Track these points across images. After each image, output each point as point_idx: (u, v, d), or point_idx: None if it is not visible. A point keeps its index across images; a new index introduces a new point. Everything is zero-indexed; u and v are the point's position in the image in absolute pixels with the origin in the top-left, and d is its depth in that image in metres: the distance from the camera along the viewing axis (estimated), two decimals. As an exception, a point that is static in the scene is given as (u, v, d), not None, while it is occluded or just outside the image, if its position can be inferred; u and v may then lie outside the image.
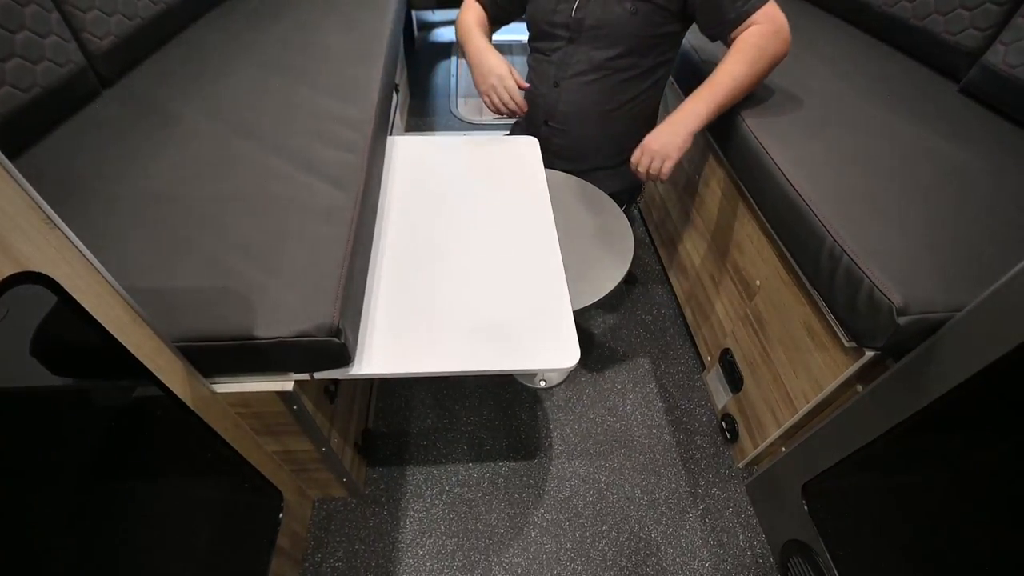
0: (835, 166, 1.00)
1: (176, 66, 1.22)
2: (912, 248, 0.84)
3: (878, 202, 0.92)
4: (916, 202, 0.92)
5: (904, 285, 0.78)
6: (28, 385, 0.61)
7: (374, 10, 1.51)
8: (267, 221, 0.85)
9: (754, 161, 1.08)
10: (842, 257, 0.84)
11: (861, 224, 0.88)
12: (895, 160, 1.01)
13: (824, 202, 0.92)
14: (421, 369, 0.79)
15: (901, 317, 0.75)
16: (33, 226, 0.46)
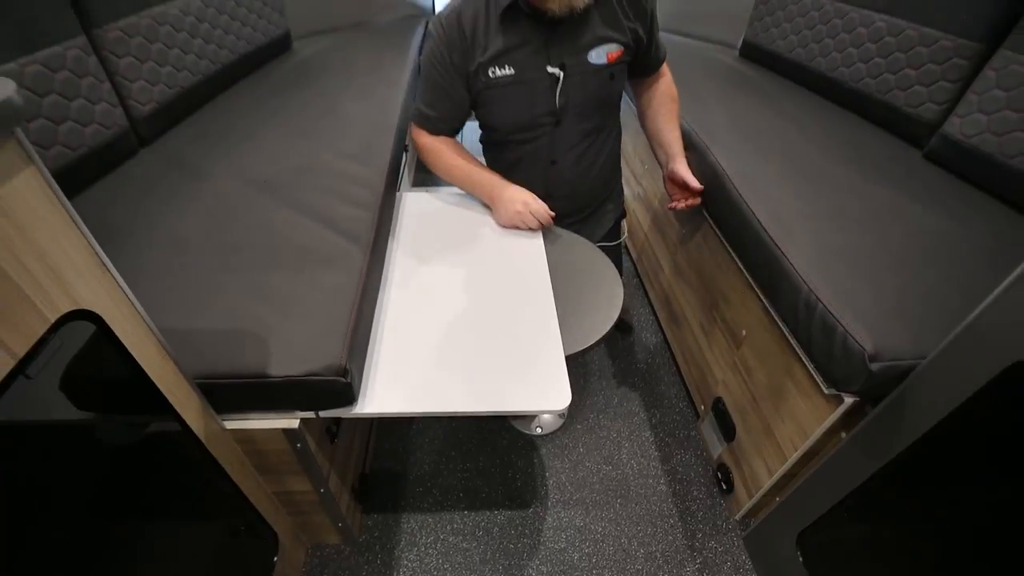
0: (811, 222, 1.08)
1: (208, 128, 1.35)
2: (883, 299, 0.90)
3: (851, 256, 0.99)
4: (887, 257, 1.00)
5: (875, 333, 0.83)
6: (53, 419, 0.66)
7: (388, 82, 1.66)
8: (284, 269, 0.92)
9: (737, 216, 1.17)
10: (817, 306, 0.91)
11: (835, 276, 0.95)
12: (867, 218, 1.10)
13: (800, 255, 1.00)
14: (420, 409, 0.83)
15: (873, 363, 0.80)
16: (89, 270, 0.53)
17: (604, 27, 1.05)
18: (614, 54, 1.07)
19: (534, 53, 1.04)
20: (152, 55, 1.28)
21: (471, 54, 1.04)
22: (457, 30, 1.02)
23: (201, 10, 1.44)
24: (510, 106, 1.11)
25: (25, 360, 0.46)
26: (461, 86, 1.09)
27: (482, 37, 1.03)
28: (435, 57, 1.06)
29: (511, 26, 1.02)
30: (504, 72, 1.05)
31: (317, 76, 1.72)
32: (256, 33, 1.70)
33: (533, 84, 1.07)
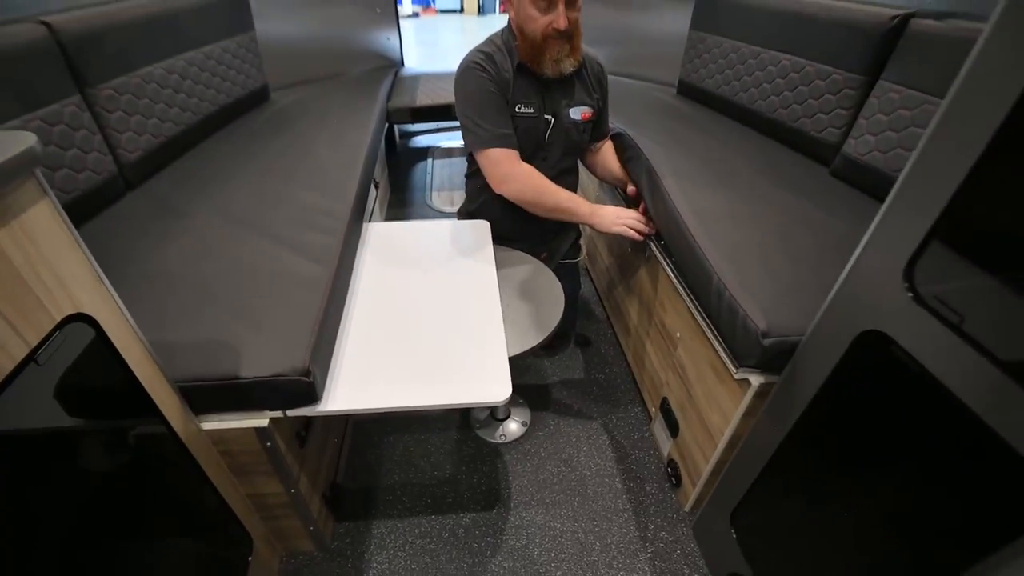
0: (728, 222, 1.24)
1: (190, 172, 1.49)
2: (780, 287, 1.05)
3: (758, 251, 1.15)
4: (789, 253, 1.15)
5: (769, 314, 0.97)
6: (45, 426, 0.76)
7: (357, 127, 1.84)
8: (257, 290, 1.04)
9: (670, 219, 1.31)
10: (724, 293, 1.05)
11: (742, 267, 1.09)
12: (775, 221, 1.26)
13: (716, 249, 1.15)
14: (379, 405, 0.95)
15: (765, 339, 0.94)
16: (89, 281, 0.65)
17: (582, 94, 1.36)
18: (586, 114, 1.37)
19: (539, 101, 1.30)
20: (139, 109, 1.43)
21: (507, 91, 1.26)
22: (494, 69, 1.24)
23: (184, 69, 1.61)
24: (522, 135, 1.30)
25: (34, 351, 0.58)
26: (506, 107, 1.27)
27: (505, 80, 1.25)
28: (487, 87, 1.23)
29: (522, 78, 1.27)
30: (527, 110, 1.29)
31: (293, 123, 1.89)
32: (235, 87, 1.87)
33: (537, 121, 1.32)
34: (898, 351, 0.68)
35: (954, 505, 0.67)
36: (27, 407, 0.69)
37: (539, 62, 1.23)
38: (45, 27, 1.19)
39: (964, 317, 0.59)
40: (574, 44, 1.24)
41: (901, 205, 0.67)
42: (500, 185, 1.31)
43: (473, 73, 1.23)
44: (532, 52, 1.22)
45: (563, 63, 1.24)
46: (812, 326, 0.86)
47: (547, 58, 1.22)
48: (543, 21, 1.17)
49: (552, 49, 1.21)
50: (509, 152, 1.28)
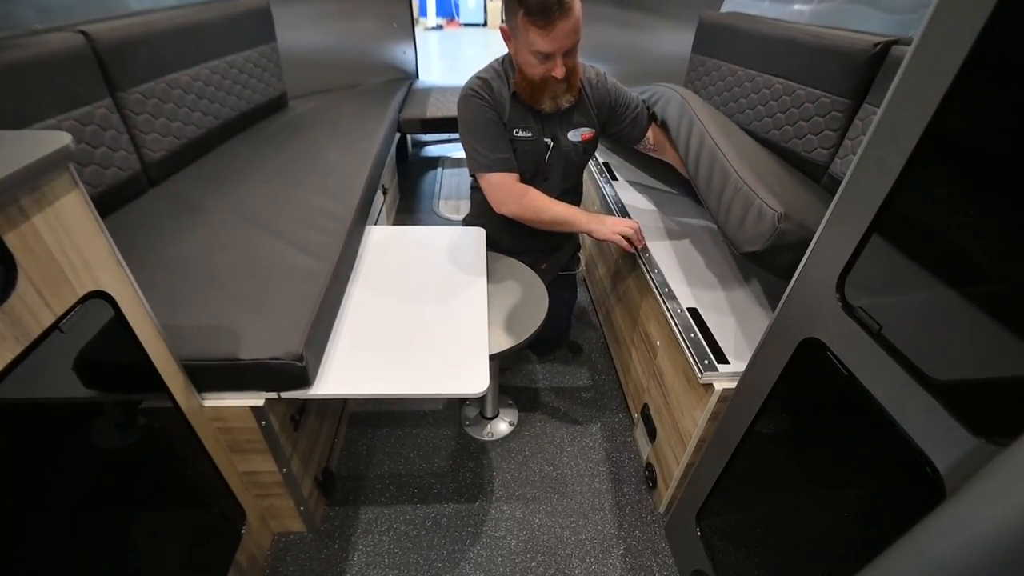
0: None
1: (208, 172, 1.60)
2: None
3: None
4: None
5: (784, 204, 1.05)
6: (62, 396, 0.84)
7: (368, 135, 1.94)
8: (260, 281, 1.14)
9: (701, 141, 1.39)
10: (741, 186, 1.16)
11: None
12: None
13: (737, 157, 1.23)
14: (366, 392, 1.03)
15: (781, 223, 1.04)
16: (109, 263, 0.74)
17: (580, 117, 1.40)
18: (587, 136, 1.42)
19: (538, 125, 1.35)
20: (165, 112, 1.55)
21: (504, 116, 1.31)
22: (491, 96, 1.28)
23: (208, 76, 1.73)
24: (522, 157, 1.36)
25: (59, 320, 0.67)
26: (505, 133, 1.32)
27: (502, 106, 1.30)
28: (485, 114, 1.28)
29: (520, 104, 1.31)
30: (525, 134, 1.34)
31: (307, 130, 2.00)
32: (255, 94, 1.99)
33: (536, 144, 1.37)
34: (832, 358, 0.74)
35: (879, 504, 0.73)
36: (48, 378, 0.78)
37: (537, 100, 1.28)
38: (83, 36, 1.31)
39: (883, 326, 0.65)
40: (571, 83, 1.28)
41: (836, 221, 0.73)
42: (499, 206, 1.37)
43: (471, 101, 1.28)
44: (531, 91, 1.27)
45: (560, 99, 1.29)
46: (764, 334, 0.92)
47: (545, 96, 1.27)
48: (542, 69, 1.21)
49: (550, 89, 1.26)
50: (507, 176, 1.33)
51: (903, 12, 1.46)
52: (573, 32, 1.13)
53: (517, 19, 1.13)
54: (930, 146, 0.60)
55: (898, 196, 0.63)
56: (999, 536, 0.43)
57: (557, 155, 1.41)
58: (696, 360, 1.12)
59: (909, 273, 0.67)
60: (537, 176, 1.43)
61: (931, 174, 0.63)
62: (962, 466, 0.54)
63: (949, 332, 0.64)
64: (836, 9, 1.71)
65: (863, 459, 0.75)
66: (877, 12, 1.54)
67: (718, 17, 2.05)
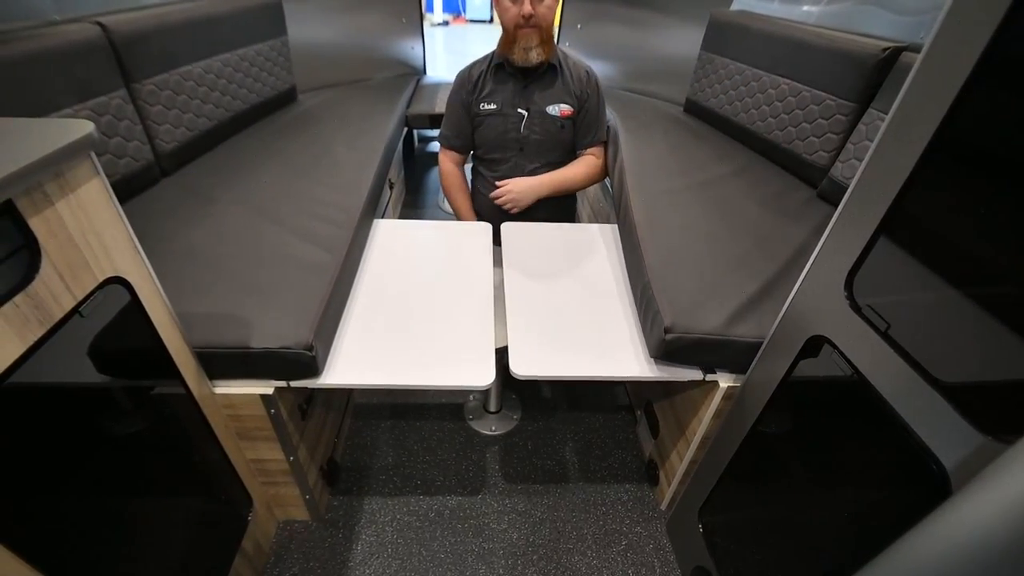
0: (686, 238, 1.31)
1: (219, 163, 1.62)
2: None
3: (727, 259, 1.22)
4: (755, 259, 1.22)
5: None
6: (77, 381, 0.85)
7: (375, 129, 1.95)
8: (270, 271, 1.15)
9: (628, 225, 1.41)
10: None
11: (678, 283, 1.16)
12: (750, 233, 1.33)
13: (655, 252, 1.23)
14: (373, 382, 1.04)
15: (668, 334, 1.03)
16: (127, 249, 0.75)
17: (561, 93, 1.54)
18: (566, 111, 1.55)
19: (511, 97, 1.53)
20: (177, 104, 1.56)
21: (473, 93, 1.55)
22: (468, 77, 1.56)
23: (220, 69, 1.74)
24: (491, 130, 1.57)
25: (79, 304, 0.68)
26: (465, 114, 1.59)
27: (481, 82, 1.54)
28: (453, 96, 1.59)
29: (500, 77, 1.53)
30: (489, 107, 1.54)
31: (316, 123, 2.01)
32: (265, 87, 2.00)
33: (507, 117, 1.55)
34: (838, 355, 0.74)
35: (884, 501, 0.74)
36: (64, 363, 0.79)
37: (511, 50, 1.43)
38: (99, 27, 1.33)
39: (891, 325, 0.66)
40: (543, 37, 1.42)
41: (844, 222, 0.74)
42: (440, 181, 1.69)
43: (453, 85, 1.59)
44: (506, 42, 1.44)
45: (531, 52, 1.42)
46: (771, 331, 0.93)
47: (518, 46, 1.41)
48: (514, 11, 1.37)
49: (522, 39, 1.40)
50: (448, 152, 1.66)
51: (913, 13, 1.46)
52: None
53: None
54: (940, 149, 0.61)
55: (907, 198, 0.64)
56: (1004, 532, 0.44)
57: (533, 126, 1.54)
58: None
59: (917, 273, 0.68)
60: (511, 146, 1.58)
61: (940, 177, 0.63)
62: (968, 464, 0.55)
63: (956, 332, 0.64)
64: (846, 10, 1.70)
65: (868, 456, 0.76)
66: (887, 13, 1.54)
67: (729, 15, 2.04)
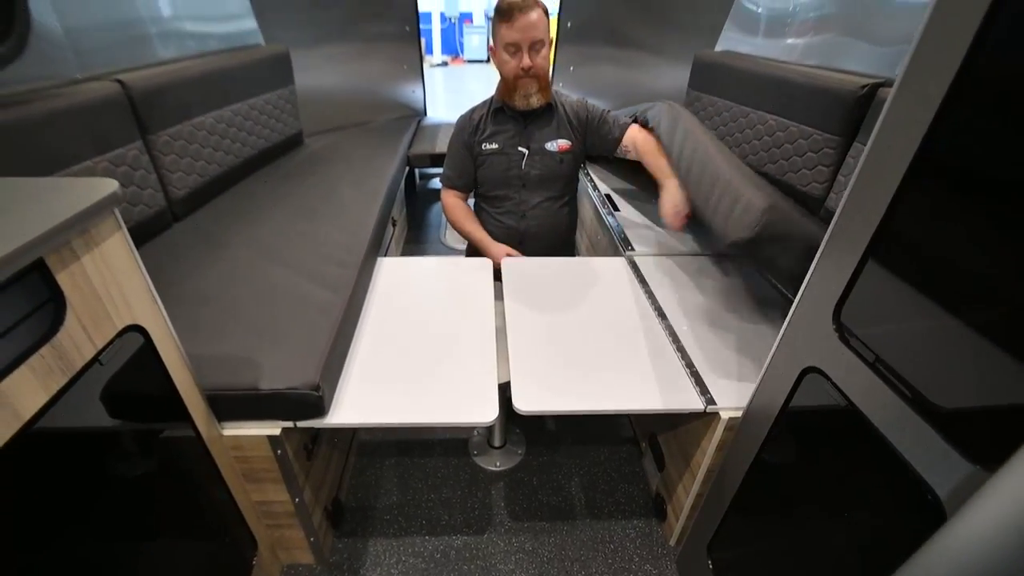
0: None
1: (229, 208, 1.68)
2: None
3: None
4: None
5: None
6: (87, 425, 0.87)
7: (378, 172, 2.03)
8: (277, 312, 1.18)
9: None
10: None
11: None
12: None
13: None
14: (378, 421, 1.05)
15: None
16: (145, 298, 0.79)
17: (558, 130, 1.63)
18: (564, 146, 1.64)
19: (512, 137, 1.62)
20: (190, 152, 1.63)
21: (475, 135, 1.63)
22: (469, 120, 1.65)
23: (231, 118, 1.82)
24: (494, 168, 1.65)
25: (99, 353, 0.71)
26: (468, 155, 1.66)
27: (482, 124, 1.64)
28: (456, 138, 1.67)
29: (500, 119, 1.62)
30: (491, 146, 1.63)
31: (322, 166, 2.09)
32: (273, 133, 2.09)
33: (509, 156, 1.63)
34: (832, 387, 0.76)
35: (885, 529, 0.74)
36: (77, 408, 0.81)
37: (512, 97, 1.53)
38: (119, 84, 1.41)
39: (878, 355, 0.68)
40: (541, 84, 1.52)
41: (830, 254, 0.77)
42: (446, 215, 1.73)
43: (454, 129, 1.68)
44: (506, 90, 1.54)
45: (532, 98, 1.52)
46: (767, 363, 0.95)
47: (518, 94, 1.51)
48: (513, 63, 1.46)
49: (522, 87, 1.50)
50: (449, 192, 1.73)
51: (890, 44, 1.53)
52: (532, 28, 1.41)
53: (495, 26, 1.46)
54: (918, 178, 0.64)
55: (888, 228, 0.67)
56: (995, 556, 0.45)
57: (533, 163, 1.63)
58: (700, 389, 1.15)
59: (905, 301, 0.70)
60: (513, 183, 1.66)
61: (920, 205, 0.67)
62: (960, 491, 0.56)
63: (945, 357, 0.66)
64: (828, 42, 1.78)
65: (868, 486, 0.77)
66: (868, 45, 1.61)
67: (712, 56, 2.14)
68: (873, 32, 1.59)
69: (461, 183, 1.71)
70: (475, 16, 11.28)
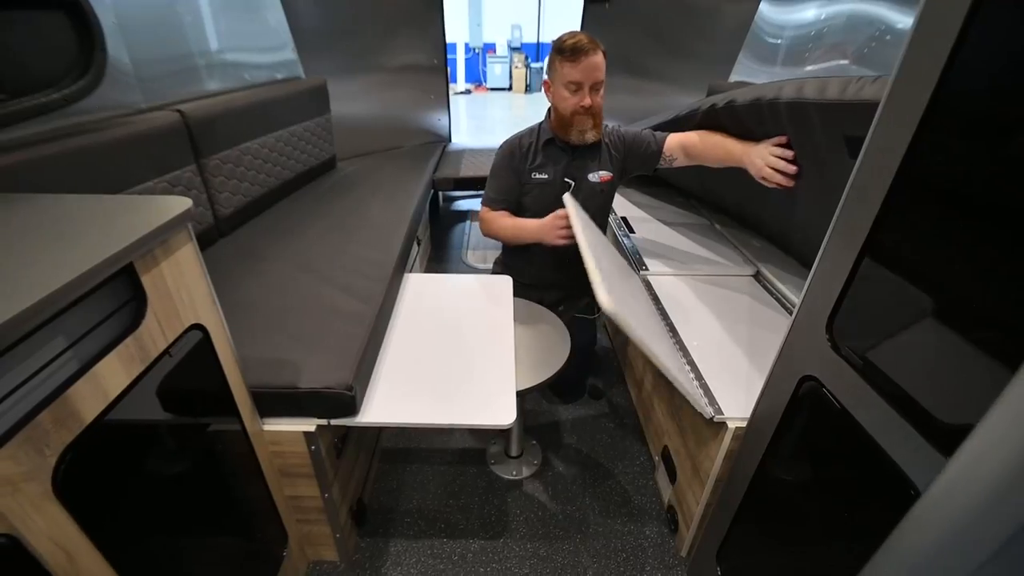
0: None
1: (270, 225, 1.81)
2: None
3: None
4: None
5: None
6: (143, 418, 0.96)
7: (406, 192, 2.15)
8: (313, 321, 1.28)
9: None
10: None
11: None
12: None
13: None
14: (405, 420, 1.14)
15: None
16: (207, 300, 0.90)
17: (600, 163, 1.67)
18: (605, 177, 1.67)
19: (562, 169, 1.65)
20: (236, 175, 1.78)
21: (524, 162, 1.65)
22: (518, 148, 1.65)
23: (273, 144, 1.98)
24: (542, 197, 1.66)
25: (169, 347, 0.81)
26: (515, 180, 1.67)
27: (530, 154, 1.65)
28: (503, 161, 1.66)
29: (548, 151, 1.65)
30: (541, 176, 1.66)
31: (354, 188, 2.23)
32: (310, 158, 2.25)
33: (556, 186, 1.65)
34: (826, 393, 0.82)
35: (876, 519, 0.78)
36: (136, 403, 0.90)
37: (567, 133, 1.57)
38: (179, 114, 1.57)
39: (865, 362, 0.74)
40: (596, 121, 1.56)
41: (822, 270, 0.84)
42: (483, 229, 1.71)
43: (499, 153, 1.67)
44: (561, 124, 1.58)
45: (587, 134, 1.57)
46: (768, 373, 1.01)
47: (574, 129, 1.56)
48: (573, 100, 1.51)
49: (578, 123, 1.55)
50: (493, 210, 1.69)
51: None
52: (596, 69, 1.47)
53: (555, 64, 1.51)
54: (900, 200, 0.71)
55: (874, 244, 0.74)
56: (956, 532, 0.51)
57: (578, 194, 1.65)
58: (708, 400, 1.20)
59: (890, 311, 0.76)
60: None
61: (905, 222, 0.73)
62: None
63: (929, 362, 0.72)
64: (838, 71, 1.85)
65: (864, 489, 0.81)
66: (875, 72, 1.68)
67: (726, 86, 2.24)
68: (876, 60, 1.67)
69: (503, 206, 1.70)
70: (498, 47, 11.69)
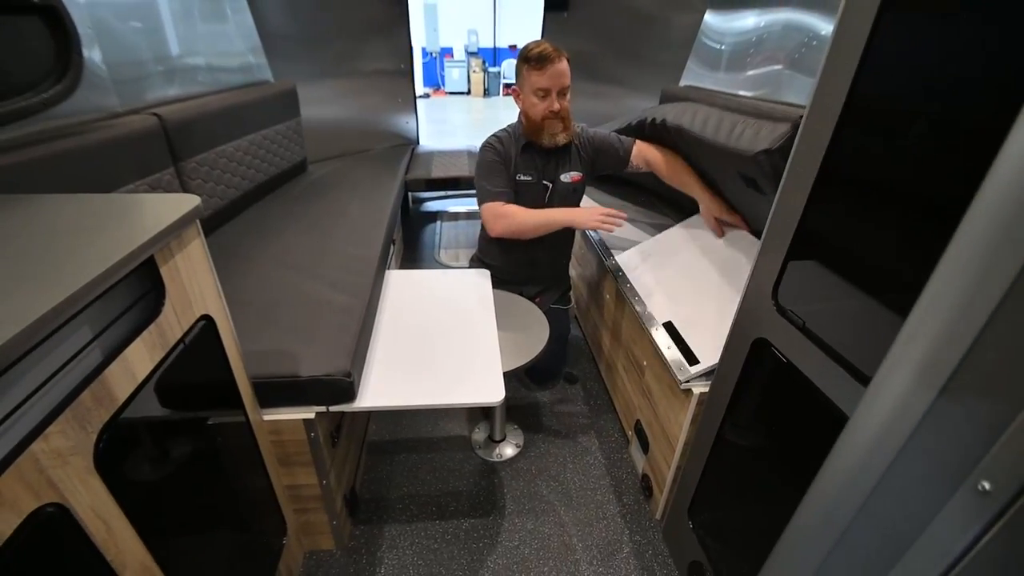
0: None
1: (248, 227, 1.84)
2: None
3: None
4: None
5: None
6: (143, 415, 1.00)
7: (383, 192, 2.21)
8: (305, 314, 1.34)
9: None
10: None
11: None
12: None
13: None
14: (400, 403, 1.21)
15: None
16: (214, 292, 0.95)
17: (572, 163, 1.78)
18: (576, 177, 1.79)
19: (540, 171, 1.74)
20: (213, 177, 1.80)
21: (509, 164, 1.71)
22: (502, 147, 1.71)
23: (247, 147, 2.00)
24: (524, 198, 1.73)
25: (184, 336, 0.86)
26: (508, 173, 1.71)
27: (509, 155, 1.71)
28: (494, 157, 1.69)
29: (528, 154, 1.72)
30: (525, 178, 1.73)
31: (328, 190, 2.27)
32: (282, 160, 2.27)
33: (536, 187, 1.75)
34: (775, 351, 0.96)
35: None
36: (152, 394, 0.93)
37: (539, 136, 1.66)
38: (156, 117, 1.58)
39: (805, 320, 0.88)
40: (566, 124, 1.67)
41: (768, 244, 0.98)
42: (494, 225, 1.68)
43: (486, 151, 1.72)
44: (534, 130, 1.66)
45: (557, 136, 1.67)
46: (725, 338, 1.14)
47: (545, 133, 1.65)
48: (542, 106, 1.61)
49: (549, 127, 1.64)
50: (501, 203, 1.67)
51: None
52: (562, 75, 1.57)
53: (523, 72, 1.61)
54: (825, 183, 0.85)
55: (807, 222, 0.88)
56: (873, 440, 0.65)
57: (555, 195, 1.77)
58: (674, 369, 1.33)
59: (823, 277, 0.90)
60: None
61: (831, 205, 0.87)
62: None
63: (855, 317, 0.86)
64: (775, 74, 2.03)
65: (807, 427, 0.95)
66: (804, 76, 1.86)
67: (678, 90, 2.41)
68: (805, 64, 1.85)
69: (509, 196, 1.69)
70: (455, 51, 11.77)
